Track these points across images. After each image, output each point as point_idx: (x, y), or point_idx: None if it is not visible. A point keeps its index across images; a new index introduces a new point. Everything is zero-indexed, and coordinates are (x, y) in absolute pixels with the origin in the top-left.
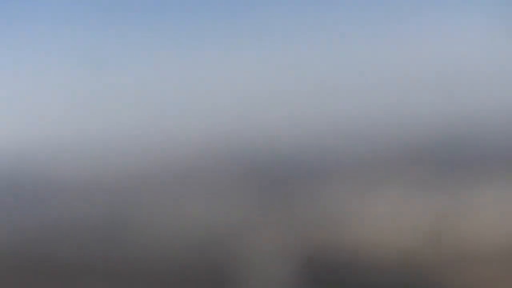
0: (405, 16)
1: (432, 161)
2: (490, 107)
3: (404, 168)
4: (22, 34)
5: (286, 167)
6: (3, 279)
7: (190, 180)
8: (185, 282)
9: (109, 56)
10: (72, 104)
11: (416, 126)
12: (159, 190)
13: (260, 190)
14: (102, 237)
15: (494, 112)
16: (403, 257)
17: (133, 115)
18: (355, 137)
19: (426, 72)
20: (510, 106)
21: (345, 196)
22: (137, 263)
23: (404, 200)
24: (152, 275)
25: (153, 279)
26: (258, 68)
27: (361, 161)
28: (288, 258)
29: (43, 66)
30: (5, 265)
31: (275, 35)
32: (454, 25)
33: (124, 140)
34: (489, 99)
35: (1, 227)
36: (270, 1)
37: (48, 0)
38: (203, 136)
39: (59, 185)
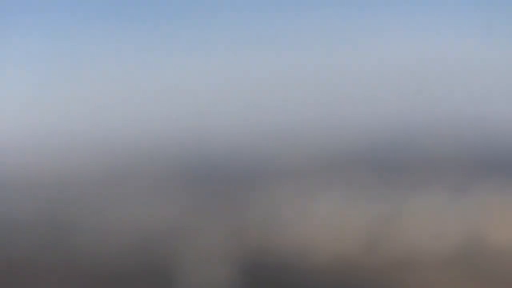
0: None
1: (371, 166)
2: (428, 112)
3: (344, 172)
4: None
5: (228, 170)
6: None
7: (130, 180)
8: (123, 283)
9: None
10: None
11: (355, 130)
12: (98, 190)
13: (200, 192)
14: (40, 235)
15: (431, 118)
16: (343, 261)
17: (75, 113)
18: (295, 141)
19: (367, 77)
20: (448, 112)
21: (285, 200)
22: (75, 263)
23: (344, 204)
24: (89, 274)
25: (90, 278)
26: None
27: (301, 165)
28: (228, 262)
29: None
30: None
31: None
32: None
33: (65, 138)
34: (427, 104)
35: None
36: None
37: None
38: (144, 137)
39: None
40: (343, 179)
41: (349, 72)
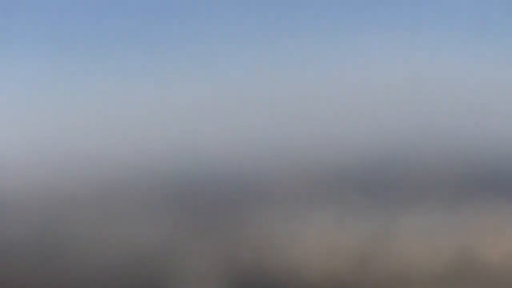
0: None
1: (363, 184)
2: (420, 130)
3: (337, 190)
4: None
5: (219, 189)
6: None
7: (122, 201)
8: None
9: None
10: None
11: (348, 149)
12: (90, 210)
13: (193, 213)
14: (32, 255)
15: (422, 135)
16: (335, 280)
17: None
18: (288, 159)
19: (356, 94)
20: (439, 130)
21: (277, 220)
22: (67, 283)
23: (336, 222)
24: None
25: None
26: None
27: (294, 184)
28: (221, 282)
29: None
30: None
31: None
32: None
33: (57, 157)
34: (420, 122)
35: None
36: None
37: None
38: (136, 157)
39: None
40: (334, 198)
41: (338, 89)
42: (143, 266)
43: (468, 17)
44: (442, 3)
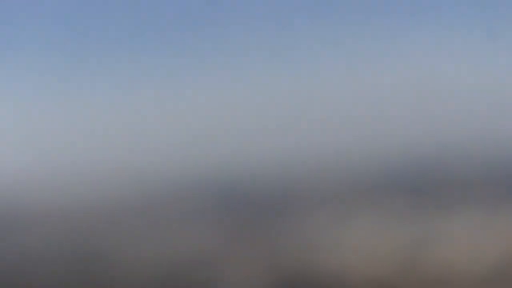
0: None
1: (407, 188)
2: (463, 135)
3: (381, 196)
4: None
5: (265, 196)
6: None
7: (164, 209)
8: None
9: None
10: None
11: (391, 155)
12: (139, 216)
13: (235, 220)
14: (78, 265)
15: (467, 140)
16: (380, 284)
17: (111, 145)
18: (332, 166)
19: (395, 99)
20: (482, 134)
21: (322, 224)
22: None
23: (380, 227)
24: None
25: None
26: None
27: (338, 189)
28: (266, 285)
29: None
30: None
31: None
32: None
33: (103, 169)
34: (462, 127)
35: None
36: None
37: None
38: (182, 164)
39: (34, 216)
40: (377, 203)
41: (376, 94)
42: (188, 274)
43: None
44: None
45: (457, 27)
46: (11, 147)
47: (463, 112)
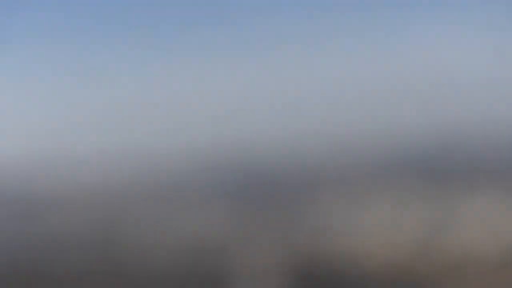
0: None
1: (424, 171)
2: (481, 116)
3: (397, 178)
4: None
5: (278, 179)
6: None
7: (183, 192)
8: None
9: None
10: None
11: (408, 136)
12: (152, 202)
13: (250, 202)
14: (97, 249)
15: (485, 121)
16: (395, 268)
17: (126, 128)
18: (347, 147)
19: (418, 82)
20: (501, 115)
21: (338, 207)
22: (129, 276)
23: (397, 210)
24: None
25: None
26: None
27: (353, 172)
28: (281, 270)
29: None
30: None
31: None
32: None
33: (118, 152)
34: (480, 108)
35: None
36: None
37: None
38: (195, 148)
39: (53, 199)
40: (394, 185)
41: (395, 76)
42: (204, 259)
43: None
44: None
45: (460, 20)
46: (28, 132)
47: (483, 94)
